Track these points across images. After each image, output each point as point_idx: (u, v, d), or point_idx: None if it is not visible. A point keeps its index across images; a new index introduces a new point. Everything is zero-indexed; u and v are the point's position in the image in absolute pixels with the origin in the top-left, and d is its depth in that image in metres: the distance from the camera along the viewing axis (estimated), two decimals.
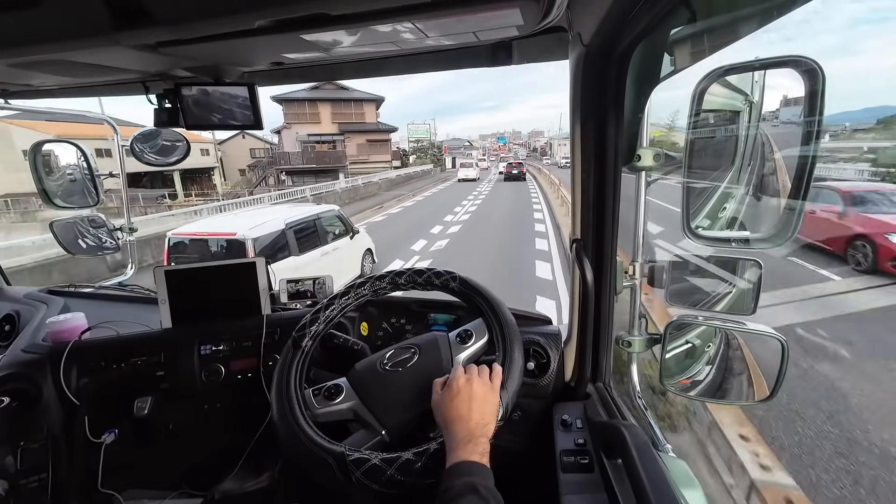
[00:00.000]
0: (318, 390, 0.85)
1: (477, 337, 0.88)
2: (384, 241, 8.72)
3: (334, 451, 0.72)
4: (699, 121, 0.71)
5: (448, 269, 0.95)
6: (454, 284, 0.94)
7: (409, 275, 0.97)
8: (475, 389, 0.73)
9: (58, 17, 0.59)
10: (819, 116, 0.57)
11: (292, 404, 0.80)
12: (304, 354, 0.88)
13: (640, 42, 0.69)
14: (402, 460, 0.68)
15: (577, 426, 0.92)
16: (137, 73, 0.96)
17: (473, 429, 0.68)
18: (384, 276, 0.97)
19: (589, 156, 0.86)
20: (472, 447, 0.65)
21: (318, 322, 0.91)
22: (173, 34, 0.64)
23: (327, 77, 1.15)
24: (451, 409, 0.71)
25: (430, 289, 0.96)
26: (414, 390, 0.83)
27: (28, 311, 1.43)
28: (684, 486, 0.70)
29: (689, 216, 0.77)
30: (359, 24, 0.66)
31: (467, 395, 0.72)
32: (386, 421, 0.79)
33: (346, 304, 0.95)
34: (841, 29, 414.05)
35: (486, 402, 0.72)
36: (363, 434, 0.79)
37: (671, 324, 0.88)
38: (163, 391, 1.22)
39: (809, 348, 3.75)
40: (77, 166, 1.59)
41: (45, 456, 1.12)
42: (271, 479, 1.30)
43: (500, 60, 0.95)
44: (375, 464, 0.68)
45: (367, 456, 0.70)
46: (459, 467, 0.63)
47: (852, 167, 10.80)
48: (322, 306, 0.93)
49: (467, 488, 0.59)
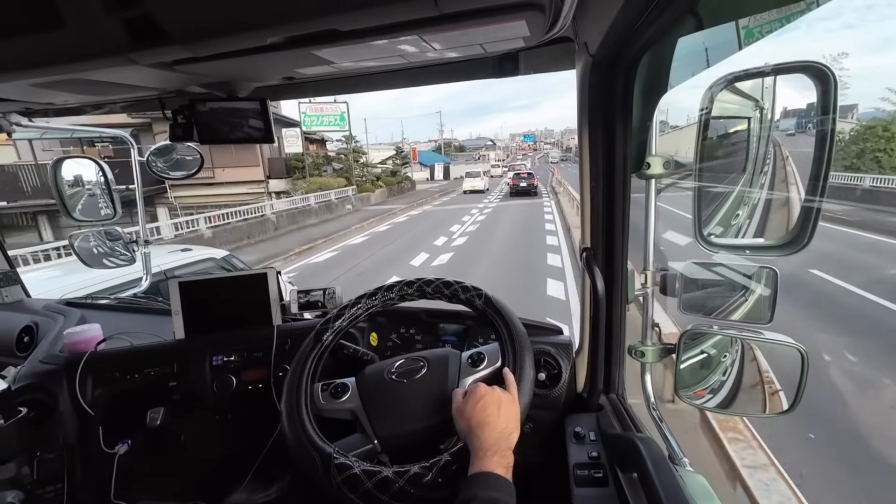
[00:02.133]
0: (326, 386, 0.87)
1: (489, 362, 0.86)
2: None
3: (324, 450, 0.72)
4: (709, 126, 0.70)
5: (476, 286, 0.95)
6: (479, 302, 0.92)
7: (437, 285, 0.96)
8: (500, 395, 0.73)
9: (79, 38, 0.61)
10: (832, 122, 0.56)
11: (300, 394, 0.81)
12: (323, 348, 0.90)
13: (647, 50, 0.70)
14: (380, 476, 0.68)
15: (590, 438, 0.90)
16: (154, 90, 0.99)
17: (499, 437, 0.66)
18: (413, 283, 0.97)
19: (598, 164, 0.86)
20: (499, 459, 0.64)
21: (342, 318, 0.93)
22: (189, 52, 0.66)
23: (338, 91, 1.17)
24: (478, 413, 0.69)
25: (455, 302, 0.95)
26: (415, 404, 0.82)
27: (46, 323, 1.46)
28: (703, 502, 0.68)
29: (700, 224, 0.76)
30: (368, 39, 0.67)
31: (494, 401, 0.71)
32: (380, 430, 0.79)
33: (371, 306, 0.96)
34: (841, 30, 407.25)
35: (511, 409, 0.72)
36: (356, 438, 0.79)
37: (685, 333, 0.86)
38: (175, 402, 1.23)
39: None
40: (96, 182, 1.64)
41: (61, 466, 1.14)
42: (281, 491, 1.29)
43: (508, 71, 0.96)
44: (356, 473, 0.68)
45: (350, 463, 0.70)
46: (485, 478, 0.61)
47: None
48: (349, 304, 0.95)
49: (492, 502, 0.58)
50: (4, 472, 1.05)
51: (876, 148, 13.48)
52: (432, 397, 0.81)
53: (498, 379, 0.81)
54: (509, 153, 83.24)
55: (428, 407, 0.80)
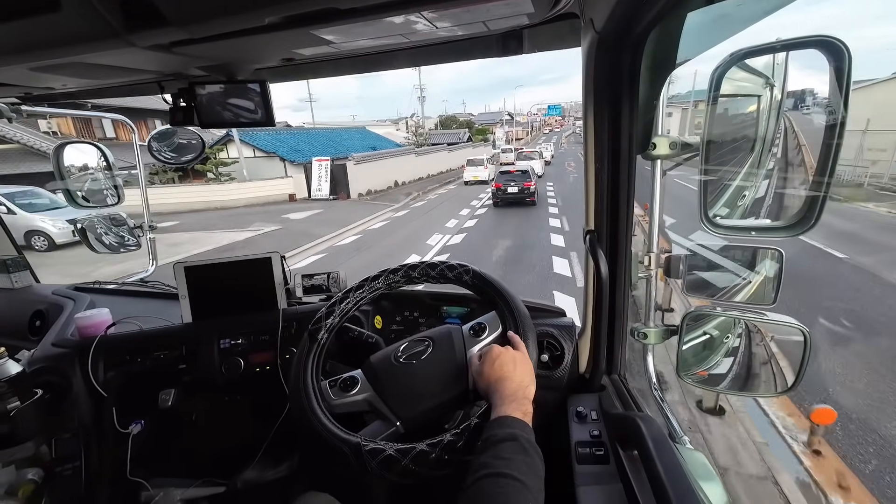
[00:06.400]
0: (335, 382, 0.87)
1: (490, 330, 0.88)
2: None
3: (350, 441, 0.73)
4: (717, 105, 0.69)
5: (461, 262, 0.95)
6: (467, 278, 0.94)
7: (423, 268, 0.97)
8: (514, 353, 0.77)
9: (75, 21, 0.60)
10: (845, 100, 0.54)
11: (309, 396, 0.81)
12: (321, 347, 0.90)
13: (655, 26, 0.67)
14: (416, 451, 0.69)
15: (592, 418, 0.92)
16: (153, 73, 0.98)
17: (517, 388, 0.71)
18: (397, 270, 0.98)
19: (603, 145, 0.85)
20: (517, 405, 0.68)
21: (333, 315, 0.92)
22: (186, 34, 0.65)
23: (338, 72, 1.15)
24: (496, 370, 0.74)
25: (444, 282, 0.96)
26: (427, 382, 0.83)
27: (56, 308, 1.48)
28: (703, 479, 0.70)
29: (706, 205, 0.75)
30: (367, 17, 0.66)
31: (510, 358, 0.76)
32: (400, 412, 0.80)
33: (360, 298, 0.96)
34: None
35: (525, 366, 0.76)
36: (379, 425, 0.80)
37: (688, 315, 0.86)
38: (185, 384, 1.26)
39: None
40: (97, 167, 1.64)
41: (78, 445, 1.18)
42: (290, 469, 1.34)
43: (511, 50, 0.94)
44: (390, 454, 0.70)
45: (381, 446, 0.71)
46: (503, 420, 0.66)
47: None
48: (337, 299, 0.95)
49: (509, 437, 0.62)
50: (24, 451, 1.09)
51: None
52: (445, 372, 0.83)
53: (504, 343, 0.83)
54: (530, 130, 60.90)
55: (443, 382, 0.82)
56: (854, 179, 12.50)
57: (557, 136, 60.99)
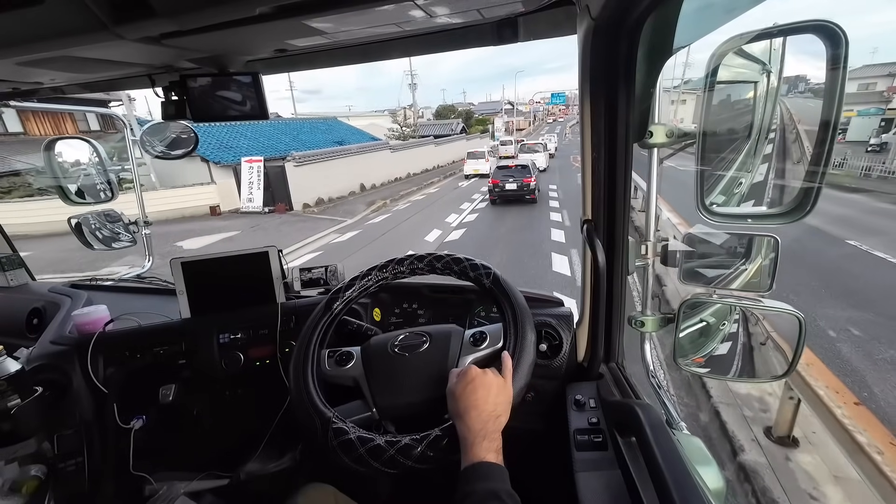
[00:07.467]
0: (333, 353, 0.90)
1: (490, 343, 0.87)
2: None
3: (324, 414, 0.75)
4: (714, 92, 0.68)
5: (485, 264, 0.94)
6: (486, 281, 0.92)
7: (448, 261, 0.96)
8: (491, 380, 0.73)
9: (60, 13, 0.59)
10: (842, 85, 0.54)
11: (307, 358, 0.84)
12: (333, 316, 0.93)
13: (652, 12, 0.67)
14: (373, 444, 0.70)
15: (590, 406, 0.93)
16: (143, 66, 0.96)
17: (486, 420, 0.67)
18: (424, 258, 0.98)
19: (599, 133, 0.84)
20: (488, 444, 0.66)
21: (352, 288, 0.95)
22: (175, 25, 0.64)
23: (333, 63, 1.13)
24: (466, 397, 0.70)
25: (463, 279, 0.96)
26: (411, 377, 0.84)
27: (53, 306, 1.48)
28: (699, 464, 0.71)
29: (703, 193, 0.75)
30: (360, 6, 0.65)
31: (484, 384, 0.72)
32: (379, 400, 0.81)
33: (381, 277, 0.97)
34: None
35: (500, 394, 0.72)
36: (357, 405, 0.82)
37: (685, 302, 0.87)
38: (186, 379, 1.26)
39: None
40: (90, 163, 1.62)
41: (80, 441, 1.18)
42: (293, 460, 1.35)
43: (507, 38, 0.92)
44: (351, 439, 0.71)
45: (347, 429, 0.73)
46: (478, 469, 0.63)
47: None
48: (360, 275, 0.97)
49: (490, 495, 0.60)
50: (26, 448, 1.09)
51: None
52: (431, 373, 0.83)
53: (497, 360, 0.81)
54: (533, 120, 56.34)
55: (426, 381, 0.82)
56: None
57: (562, 126, 56.74)
